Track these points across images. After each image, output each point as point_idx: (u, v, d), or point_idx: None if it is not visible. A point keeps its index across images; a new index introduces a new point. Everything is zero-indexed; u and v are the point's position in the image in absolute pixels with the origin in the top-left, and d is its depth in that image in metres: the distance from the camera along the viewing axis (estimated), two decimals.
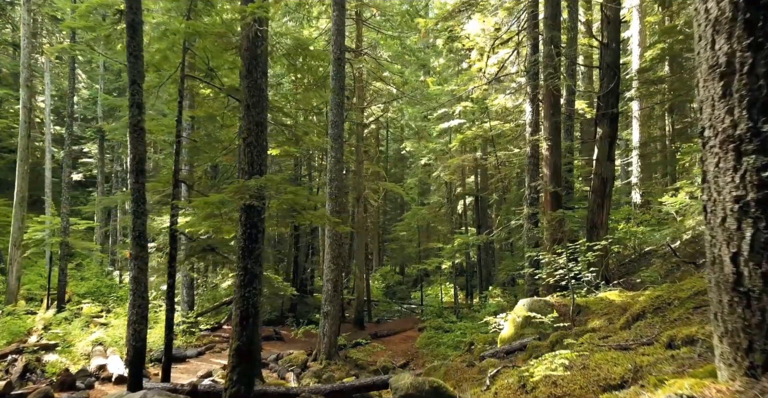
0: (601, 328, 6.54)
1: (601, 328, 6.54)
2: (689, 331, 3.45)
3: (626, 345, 4.00)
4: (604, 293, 8.65)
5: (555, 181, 12.35)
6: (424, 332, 19.02)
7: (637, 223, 20.53)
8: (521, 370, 4.47)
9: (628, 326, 5.46)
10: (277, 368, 12.96)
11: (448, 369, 7.20)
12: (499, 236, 14.68)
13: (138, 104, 8.00)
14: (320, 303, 14.61)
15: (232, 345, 6.50)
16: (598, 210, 11.87)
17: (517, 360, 7.13)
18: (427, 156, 26.18)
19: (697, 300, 4.98)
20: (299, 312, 24.39)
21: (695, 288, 5.17)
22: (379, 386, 8.00)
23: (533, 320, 8.16)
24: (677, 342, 3.47)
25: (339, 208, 14.33)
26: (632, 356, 3.56)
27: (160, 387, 8.13)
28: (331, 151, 14.35)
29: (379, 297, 30.33)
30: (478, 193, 23.96)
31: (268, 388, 8.03)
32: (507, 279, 20.34)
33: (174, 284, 8.86)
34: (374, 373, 13.94)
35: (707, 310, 4.69)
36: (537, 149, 13.30)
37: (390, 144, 42.44)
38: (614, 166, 12.24)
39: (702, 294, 5.03)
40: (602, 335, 5.06)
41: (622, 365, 3.36)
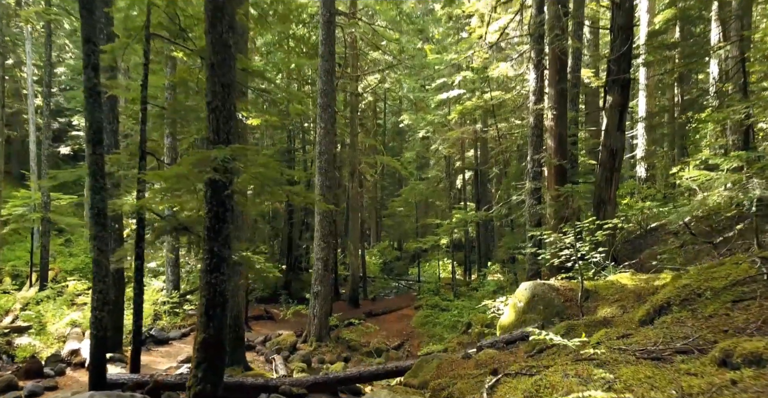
0: (614, 319, 5.78)
1: (614, 319, 5.78)
2: (753, 347, 2.66)
3: (658, 354, 3.22)
4: (614, 276, 7.89)
5: (560, 154, 11.48)
6: (420, 311, 18.43)
7: (641, 198, 19.75)
8: (527, 385, 3.69)
9: (649, 320, 4.68)
10: (264, 351, 12.32)
11: (441, 362, 6.47)
12: (499, 212, 13.88)
13: (94, 66, 7.06)
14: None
15: (197, 337, 5.76)
16: (605, 185, 11.03)
17: (519, 352, 6.40)
18: (426, 128, 25.18)
19: (735, 292, 4.18)
20: (294, 289, 23.80)
21: (732, 277, 4.37)
22: (366, 378, 7.31)
23: (537, 306, 7.42)
24: (736, 360, 2.68)
25: (330, 183, 13.49)
26: (672, 373, 2.78)
27: (126, 378, 7.43)
28: (321, 121, 13.43)
29: (376, 273, 29.75)
30: (478, 166, 23.07)
31: (244, 380, 7.34)
32: (507, 258, 19.63)
33: (142, 266, 8.08)
34: (367, 355, 13.34)
35: (751, 305, 3.89)
36: (541, 119, 12.38)
37: (388, 117, 41.34)
38: (624, 137, 11.35)
39: (741, 284, 4.24)
40: (621, 332, 4.29)
41: (662, 389, 2.58)
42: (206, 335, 5.76)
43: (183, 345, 12.83)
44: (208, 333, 5.76)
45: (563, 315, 7.14)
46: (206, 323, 5.80)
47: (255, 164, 5.80)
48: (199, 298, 5.89)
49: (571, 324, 5.99)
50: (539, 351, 5.97)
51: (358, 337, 14.67)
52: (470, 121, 22.90)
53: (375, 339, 14.65)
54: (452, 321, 15.43)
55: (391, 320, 18.24)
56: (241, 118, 9.97)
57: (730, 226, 9.44)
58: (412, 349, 14.52)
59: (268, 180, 5.90)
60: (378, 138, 31.89)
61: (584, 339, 4.81)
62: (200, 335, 5.78)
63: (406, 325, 17.34)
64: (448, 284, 22.35)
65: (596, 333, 5.49)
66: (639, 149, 20.61)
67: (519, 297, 7.78)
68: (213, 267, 5.90)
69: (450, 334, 14.55)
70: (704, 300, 4.36)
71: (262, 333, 15.21)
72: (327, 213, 13.51)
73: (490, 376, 5.29)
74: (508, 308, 8.02)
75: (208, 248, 5.92)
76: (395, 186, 39.75)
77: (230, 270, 6.04)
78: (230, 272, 6.01)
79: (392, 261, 31.64)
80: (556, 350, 5.74)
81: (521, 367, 4.67)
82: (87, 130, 7.17)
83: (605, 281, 7.65)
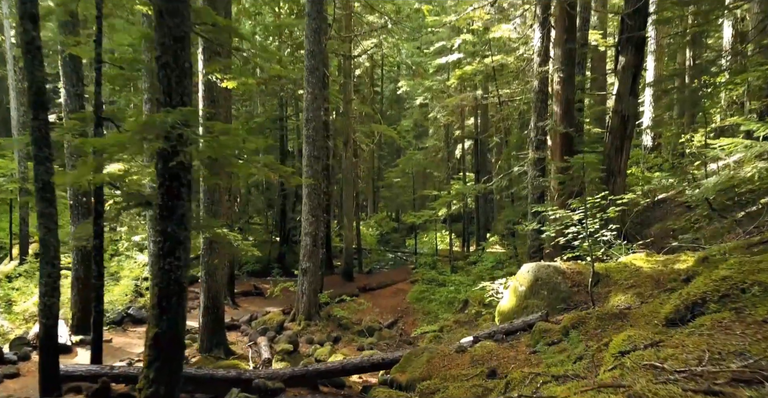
0: (632, 312, 4.98)
1: (632, 312, 4.98)
2: None
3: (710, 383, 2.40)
4: (626, 257, 7.07)
5: (567, 121, 10.53)
6: (416, 285, 17.76)
7: (646, 168, 18.85)
8: None
9: (680, 319, 3.87)
10: (249, 331, 11.65)
11: (432, 356, 5.72)
12: (499, 184, 13.01)
13: (31, 16, 6.07)
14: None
15: (148, 332, 4.98)
16: (616, 155, 10.14)
17: (520, 346, 5.64)
18: (423, 95, 24.01)
19: None
20: (288, 262, 23.14)
21: None
22: (350, 370, 6.58)
23: (540, 291, 6.63)
24: None
25: (318, 153, 12.57)
26: None
27: (83, 370, 6.71)
28: (308, 85, 12.40)
29: (373, 245, 29.07)
30: (478, 135, 22.05)
31: (214, 372, 6.63)
32: (506, 232, 18.87)
33: (101, 245, 7.26)
34: (358, 334, 12.70)
35: None
36: (546, 83, 11.37)
37: (386, 84, 39.96)
38: (637, 102, 10.40)
39: None
40: (648, 337, 3.47)
41: None
42: (159, 330, 4.97)
43: None
44: (160, 327, 4.97)
45: (570, 302, 6.37)
46: (159, 315, 5.00)
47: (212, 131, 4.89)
48: (150, 287, 5.08)
49: (581, 317, 5.20)
50: (547, 344, 5.20)
51: (350, 314, 14.00)
52: (470, 88, 21.78)
53: (368, 317, 14.00)
54: (448, 298, 14.76)
55: (385, 295, 17.59)
56: (215, 80, 8.99)
57: (752, 201, 8.60)
58: (406, 327, 13.88)
59: (229, 150, 5.00)
60: (375, 106, 30.71)
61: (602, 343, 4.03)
62: (152, 329, 4.99)
63: (401, 301, 16.69)
64: (445, 256, 21.67)
65: (612, 330, 4.71)
66: (646, 116, 19.56)
67: (520, 281, 6.99)
68: (167, 251, 5.07)
69: (446, 312, 13.90)
70: (751, 297, 3.54)
71: (249, 310, 14.55)
72: (316, 186, 12.64)
73: (488, 381, 4.53)
74: (508, 292, 7.25)
75: (161, 229, 5.08)
76: (393, 155, 38.68)
77: (188, 254, 5.22)
78: (186, 256, 5.19)
79: (389, 232, 30.93)
80: (564, 347, 4.98)
81: (524, 376, 3.88)
82: (28, 92, 6.25)
83: (617, 263, 6.85)
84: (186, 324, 5.25)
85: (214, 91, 9.42)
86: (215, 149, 4.84)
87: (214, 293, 9.62)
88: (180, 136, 4.79)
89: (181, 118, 4.73)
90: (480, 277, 15.59)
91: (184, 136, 4.68)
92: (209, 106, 9.40)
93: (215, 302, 9.63)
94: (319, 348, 11.15)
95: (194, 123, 4.88)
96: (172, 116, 4.60)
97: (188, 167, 5.16)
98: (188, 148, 4.50)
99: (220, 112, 9.63)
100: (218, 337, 9.70)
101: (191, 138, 4.55)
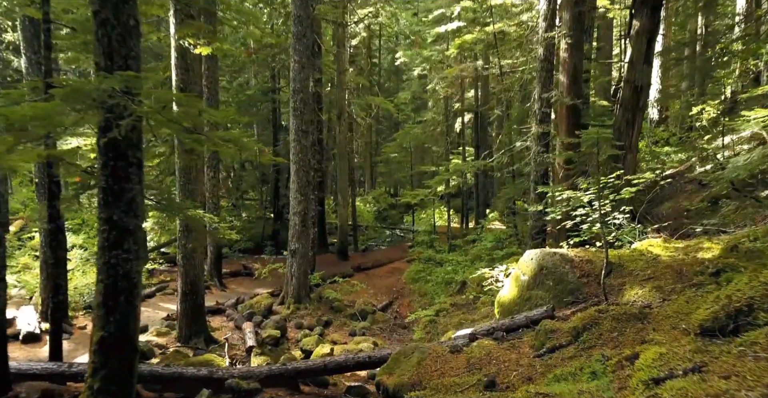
0: (654, 312, 4.29)
1: (654, 312, 4.29)
2: None
3: None
4: (641, 243, 6.36)
5: (574, 91, 9.69)
6: (412, 265, 17.16)
7: (652, 142, 18.04)
8: None
9: (720, 330, 3.17)
10: (234, 316, 11.04)
11: (424, 357, 5.06)
12: (500, 161, 12.22)
13: None
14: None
15: (93, 336, 4.31)
16: (627, 129, 9.36)
17: (523, 347, 4.98)
18: (422, 65, 22.99)
19: None
20: (282, 239, 22.43)
21: None
22: (332, 369, 5.94)
23: (545, 281, 5.95)
24: None
25: (306, 127, 11.75)
26: None
27: (39, 367, 6.07)
28: (295, 53, 11.51)
29: (370, 221, 28.41)
30: (479, 108, 21.13)
31: (184, 370, 6.00)
32: (506, 210, 18.18)
33: (59, 229, 6.54)
34: (350, 318, 12.12)
35: None
36: (551, 51, 10.47)
37: (384, 56, 38.69)
38: (651, 71, 9.56)
39: None
40: (684, 355, 2.79)
41: None
42: (105, 333, 4.29)
43: (144, 308, 11.52)
44: (107, 330, 4.29)
45: (578, 295, 5.68)
46: (104, 317, 4.31)
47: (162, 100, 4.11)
48: (96, 283, 4.38)
49: (593, 316, 4.51)
50: (550, 350, 4.54)
51: (343, 296, 13.41)
52: (470, 58, 20.76)
53: (361, 299, 13.40)
54: (446, 279, 14.15)
55: (380, 275, 17.00)
56: (187, 46, 8.13)
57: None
58: (401, 310, 13.31)
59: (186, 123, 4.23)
60: (373, 78, 29.60)
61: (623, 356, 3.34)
62: (97, 333, 4.31)
63: (397, 281, 16.11)
64: (443, 233, 21.03)
65: (631, 335, 4.02)
66: (653, 88, 18.64)
67: (523, 269, 6.30)
68: (113, 242, 4.35)
69: (443, 293, 13.31)
70: None
71: (237, 292, 13.95)
72: (305, 162, 11.87)
73: (486, 393, 3.87)
74: (510, 281, 6.57)
75: (105, 217, 4.34)
76: (392, 129, 37.62)
77: (138, 246, 4.50)
78: (137, 247, 4.47)
79: (386, 209, 30.21)
80: (574, 353, 4.31)
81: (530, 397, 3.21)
82: None
83: (631, 250, 6.14)
84: (139, 326, 4.56)
85: (188, 59, 8.57)
86: (163, 123, 4.06)
87: (193, 278, 8.96)
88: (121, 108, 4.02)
89: (121, 85, 3.94)
90: (478, 257, 14.96)
91: (122, 105, 3.89)
92: (183, 74, 8.57)
93: (194, 287, 8.98)
94: (309, 333, 10.56)
95: (140, 91, 4.08)
96: (109, 82, 3.81)
97: (137, 144, 4.41)
98: (124, 121, 3.72)
99: (195, 82, 8.79)
100: (198, 325, 9.08)
101: (131, 108, 3.77)
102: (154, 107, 3.88)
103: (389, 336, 11.19)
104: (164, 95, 4.31)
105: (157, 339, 9.02)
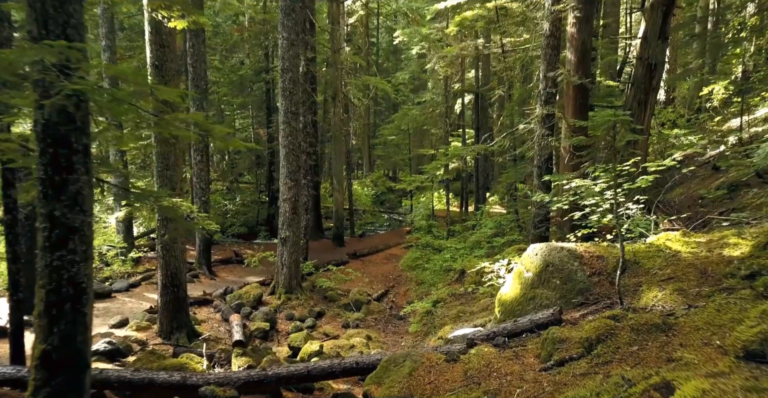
0: (679, 321, 3.72)
1: (679, 321, 3.72)
2: None
3: None
4: (658, 236, 5.77)
5: (582, 70, 9.00)
6: (410, 251, 16.64)
7: (660, 124, 17.35)
8: None
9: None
10: (221, 307, 10.53)
11: (416, 367, 4.51)
12: (501, 144, 11.57)
13: None
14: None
15: (34, 349, 3.77)
16: (639, 110, 8.72)
17: (528, 356, 4.43)
18: (420, 44, 22.14)
19: None
20: (276, 224, 21.88)
21: None
22: (316, 376, 5.41)
23: (551, 279, 5.38)
24: None
25: (296, 108, 11.08)
26: None
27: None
28: (283, 30, 10.79)
29: (368, 205, 27.83)
30: (479, 89, 20.37)
31: (155, 376, 5.47)
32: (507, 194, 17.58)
33: (15, 222, 5.94)
34: (344, 308, 11.63)
35: None
36: (558, 26, 9.75)
37: (383, 36, 37.66)
38: (667, 47, 8.87)
39: None
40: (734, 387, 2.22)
41: None
42: (48, 346, 3.72)
43: (128, 298, 11.04)
44: (50, 342, 3.73)
45: (588, 295, 5.12)
46: (47, 327, 3.74)
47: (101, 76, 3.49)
48: (36, 289, 3.80)
49: (609, 326, 3.95)
50: (559, 362, 3.99)
51: (337, 285, 12.91)
52: (470, 36, 19.93)
53: (356, 288, 12.88)
54: (444, 266, 13.62)
55: (377, 261, 16.49)
56: (161, 19, 7.44)
57: None
58: (398, 299, 12.81)
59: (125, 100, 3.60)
60: (371, 57, 28.71)
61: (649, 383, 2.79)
62: (39, 346, 3.75)
63: (394, 268, 15.60)
64: (442, 217, 20.47)
65: (654, 351, 3.45)
66: None
67: (526, 265, 5.73)
68: (55, 242, 3.75)
69: (440, 281, 12.78)
70: None
71: (227, 280, 13.43)
72: (295, 146, 11.24)
73: None
74: (512, 277, 6.00)
75: (45, 213, 3.75)
76: (391, 111, 36.77)
77: (87, 246, 3.91)
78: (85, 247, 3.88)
79: (385, 192, 29.60)
80: (587, 367, 3.76)
81: None
82: None
83: (647, 245, 5.56)
84: (90, 336, 3.99)
85: (163, 34, 7.88)
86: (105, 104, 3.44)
87: (173, 270, 8.40)
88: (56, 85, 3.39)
89: (55, 57, 3.30)
90: (478, 244, 14.42)
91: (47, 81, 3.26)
92: (158, 51, 7.89)
93: (175, 280, 8.43)
94: (300, 325, 10.07)
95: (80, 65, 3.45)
96: (33, 53, 3.18)
97: (82, 127, 3.79)
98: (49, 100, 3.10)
99: (173, 59, 8.11)
100: (180, 319, 8.55)
101: (59, 85, 3.15)
102: (91, 83, 3.25)
103: (384, 327, 10.70)
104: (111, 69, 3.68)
105: (136, 334, 8.50)
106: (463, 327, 8.14)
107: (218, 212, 22.31)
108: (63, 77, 3.35)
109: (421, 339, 9.23)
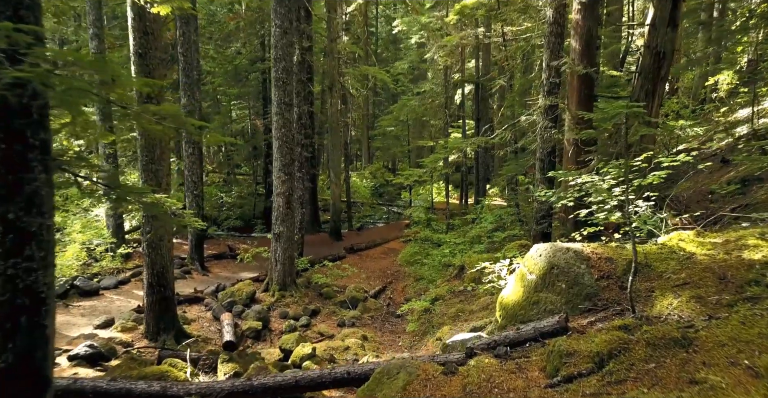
0: (700, 335, 3.36)
1: (700, 335, 3.36)
2: None
3: None
4: (669, 237, 5.41)
5: (587, 59, 8.60)
6: (408, 245, 16.32)
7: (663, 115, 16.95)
8: None
9: None
10: (213, 305, 10.20)
11: (411, 380, 4.17)
12: (502, 137, 11.18)
13: None
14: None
15: None
16: (647, 101, 8.29)
17: (531, 369, 4.09)
18: (419, 33, 21.66)
19: None
20: None
21: None
22: (305, 386, 5.08)
23: (556, 282, 5.03)
24: None
25: (289, 99, 10.68)
26: None
27: None
28: (276, 17, 10.36)
29: (366, 198, 27.45)
30: (479, 79, 19.92)
31: (133, 386, 5.15)
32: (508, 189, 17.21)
33: None
34: (340, 305, 11.31)
35: None
36: (562, 13, 9.36)
37: (382, 25, 37.07)
38: (677, 35, 8.45)
39: None
40: None
41: None
42: (2, 364, 3.38)
43: (116, 296, 10.71)
44: (5, 360, 3.36)
45: (597, 301, 4.77)
46: (1, 344, 3.39)
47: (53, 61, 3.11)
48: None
49: (622, 339, 3.60)
50: (566, 379, 3.64)
51: (333, 281, 12.59)
52: (471, 25, 19.44)
53: (353, 284, 12.57)
54: (443, 261, 13.29)
55: (374, 256, 16.16)
56: (144, 4, 7.03)
57: None
58: (395, 296, 12.48)
59: (87, 90, 3.23)
60: (371, 47, 28.17)
61: None
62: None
63: (392, 263, 15.28)
64: (442, 210, 20.13)
65: (674, 369, 3.10)
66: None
67: (530, 267, 5.38)
68: (9, 248, 3.37)
69: (439, 277, 12.45)
70: None
71: (221, 276, 13.10)
72: (289, 138, 10.85)
73: None
74: (514, 279, 5.65)
75: None
76: (390, 101, 36.25)
77: (47, 253, 3.55)
78: (44, 253, 3.52)
79: (383, 185, 29.21)
80: (597, 386, 3.41)
81: None
82: None
83: (659, 246, 5.20)
84: (51, 351, 3.64)
85: (147, 20, 7.47)
86: (62, 93, 3.07)
87: (160, 269, 8.06)
88: None
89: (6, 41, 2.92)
90: (478, 239, 14.09)
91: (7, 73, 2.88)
92: (141, 38, 7.48)
93: (161, 279, 8.08)
94: (294, 323, 9.76)
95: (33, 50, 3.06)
96: None
97: (40, 120, 3.41)
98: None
99: (158, 47, 7.70)
100: (167, 319, 8.22)
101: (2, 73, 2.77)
102: (40, 71, 2.87)
103: (381, 326, 10.38)
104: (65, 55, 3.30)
105: (121, 335, 8.17)
106: (462, 328, 7.82)
107: (214, 205, 21.95)
108: (10, 64, 2.97)
109: (419, 340, 8.91)
